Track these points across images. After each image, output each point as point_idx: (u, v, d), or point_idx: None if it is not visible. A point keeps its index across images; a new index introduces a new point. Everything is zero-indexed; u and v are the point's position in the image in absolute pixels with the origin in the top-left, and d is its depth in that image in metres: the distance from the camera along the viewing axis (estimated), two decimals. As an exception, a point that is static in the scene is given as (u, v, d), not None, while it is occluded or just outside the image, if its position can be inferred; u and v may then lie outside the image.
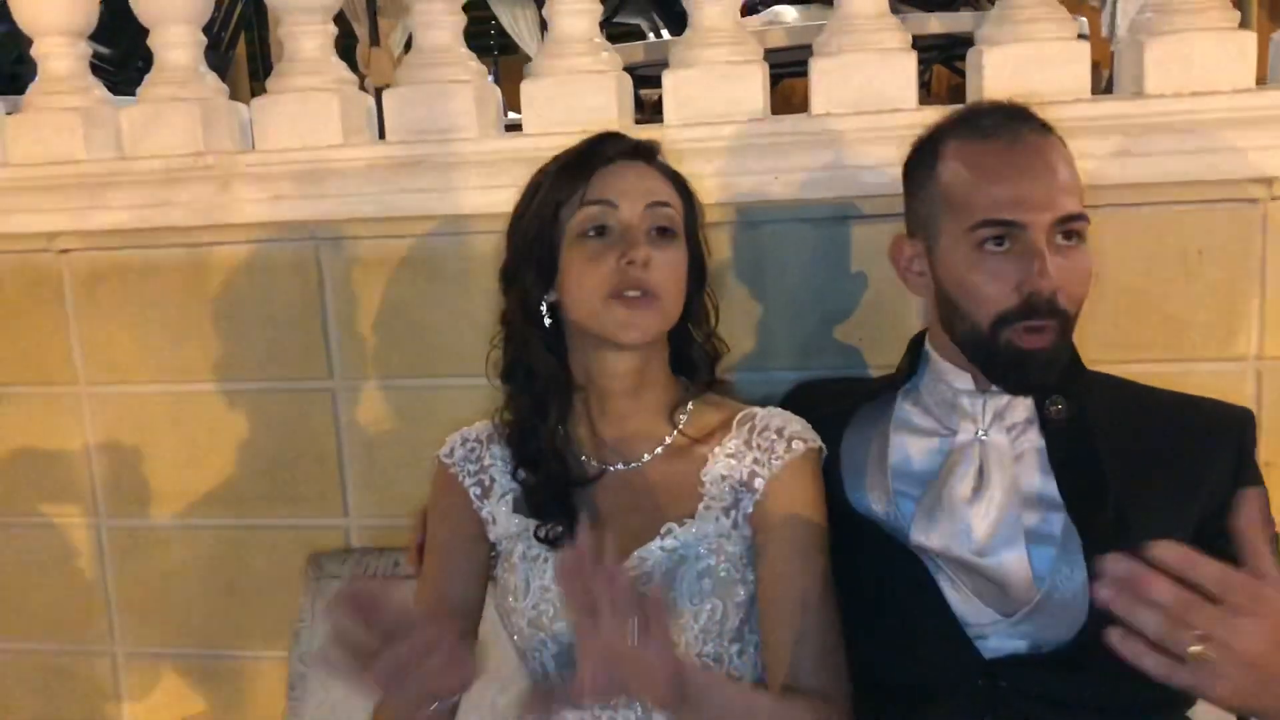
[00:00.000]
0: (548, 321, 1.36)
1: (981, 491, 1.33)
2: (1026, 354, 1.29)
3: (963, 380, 1.38)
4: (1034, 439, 1.36)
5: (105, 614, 2.08)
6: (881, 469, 1.40)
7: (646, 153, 1.37)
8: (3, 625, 2.13)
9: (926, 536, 1.33)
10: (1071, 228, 1.29)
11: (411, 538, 1.52)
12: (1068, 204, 1.29)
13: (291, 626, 1.85)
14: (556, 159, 1.38)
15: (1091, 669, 1.27)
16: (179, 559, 2.03)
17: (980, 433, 1.36)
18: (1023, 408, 1.37)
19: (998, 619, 1.31)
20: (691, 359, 1.42)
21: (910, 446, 1.41)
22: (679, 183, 1.38)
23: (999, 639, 1.31)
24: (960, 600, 1.32)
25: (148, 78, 1.93)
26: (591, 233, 1.31)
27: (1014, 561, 1.30)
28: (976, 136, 1.33)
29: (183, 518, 2.01)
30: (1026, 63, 1.66)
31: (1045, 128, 1.34)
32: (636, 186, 1.32)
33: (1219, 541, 1.28)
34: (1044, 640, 1.30)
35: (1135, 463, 1.32)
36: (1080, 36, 1.73)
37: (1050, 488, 1.34)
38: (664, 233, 1.32)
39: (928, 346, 1.44)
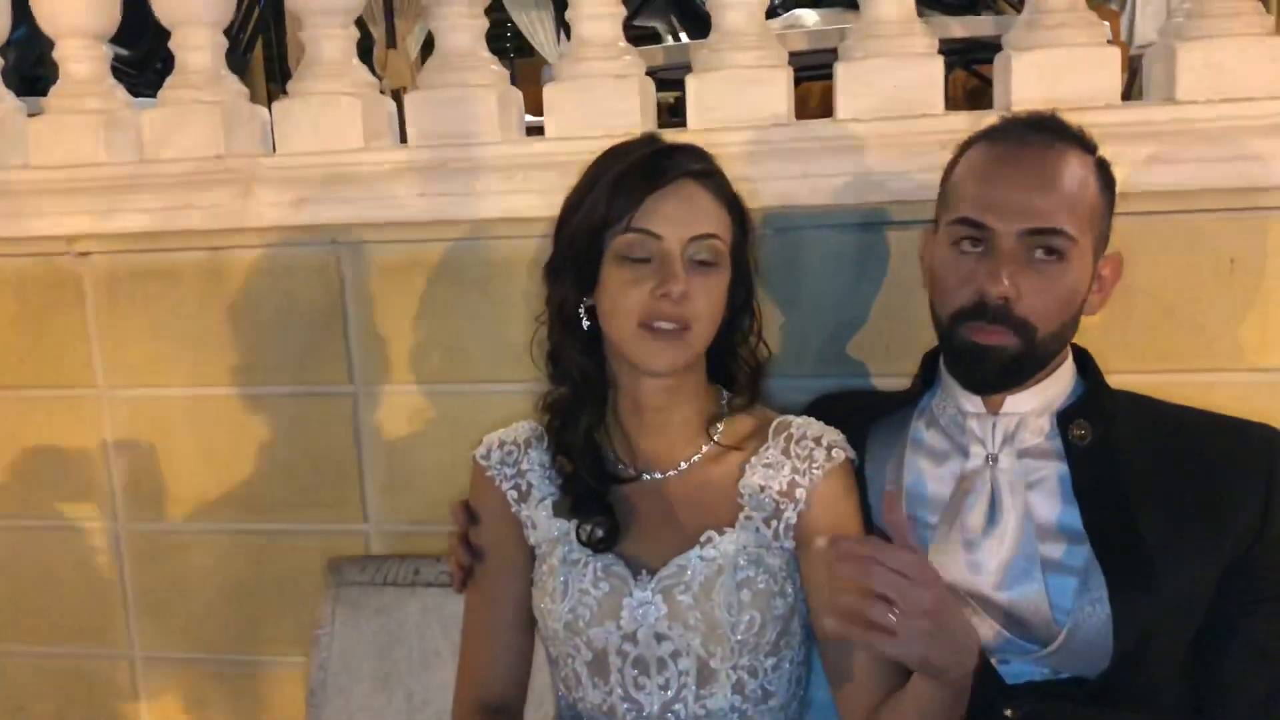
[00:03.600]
0: (586, 324, 1.35)
1: (994, 523, 1.31)
2: (980, 349, 1.28)
3: (972, 402, 1.36)
4: (1056, 466, 1.33)
5: (123, 618, 2.08)
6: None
7: (706, 175, 1.32)
8: (22, 628, 2.12)
9: (942, 571, 1.31)
10: (1046, 243, 1.25)
11: (454, 538, 1.47)
12: (1045, 218, 1.25)
13: (311, 633, 1.84)
14: (612, 157, 1.33)
15: (1116, 701, 1.25)
16: (198, 563, 2.03)
17: (990, 458, 1.34)
18: (1036, 431, 1.34)
19: (1020, 646, 1.29)
20: (730, 372, 1.41)
21: (925, 470, 1.39)
22: (732, 204, 1.34)
23: (1022, 665, 1.30)
24: (983, 626, 1.30)
25: (169, 80, 1.93)
26: (632, 258, 1.29)
27: (1031, 597, 1.28)
28: (991, 140, 1.33)
29: (201, 522, 2.01)
30: (1055, 68, 1.64)
31: (1063, 139, 1.30)
32: (685, 215, 1.29)
33: (1248, 577, 1.27)
34: (1068, 669, 1.28)
35: (1163, 494, 1.29)
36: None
37: (1072, 518, 1.30)
38: (704, 264, 1.29)
39: (941, 364, 1.42)
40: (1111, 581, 1.25)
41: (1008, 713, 1.26)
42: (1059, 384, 1.35)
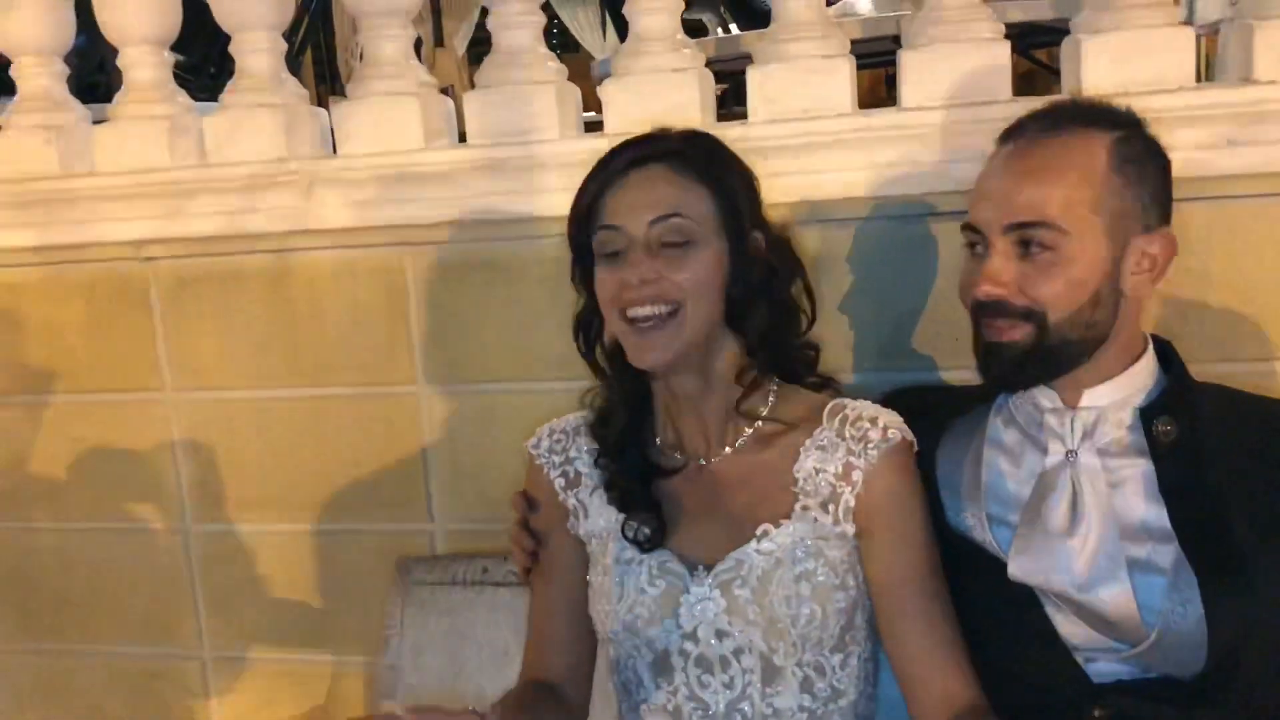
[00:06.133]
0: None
1: (1077, 522, 1.27)
2: (993, 346, 1.28)
3: (1048, 397, 1.32)
4: (1140, 463, 1.29)
5: (194, 617, 2.10)
6: (975, 490, 1.36)
7: (667, 155, 1.30)
8: (94, 629, 2.16)
9: (1024, 571, 1.28)
10: (1029, 235, 1.24)
11: (515, 527, 1.46)
12: (1024, 211, 1.23)
13: (381, 633, 1.85)
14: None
15: (1211, 702, 1.21)
16: (265, 563, 2.05)
17: (1069, 454, 1.30)
18: (1117, 425, 1.30)
19: (1108, 644, 1.26)
20: (768, 353, 1.36)
21: (1003, 466, 1.36)
22: (711, 178, 1.30)
23: (1109, 664, 1.26)
24: (1066, 623, 1.27)
25: (230, 84, 1.94)
26: (606, 254, 1.30)
27: (1117, 597, 1.24)
28: (1002, 140, 1.33)
29: (269, 522, 2.03)
30: (1127, 51, 1.60)
31: (1072, 124, 1.27)
32: (641, 200, 1.28)
33: None
34: (1158, 669, 1.24)
35: (1254, 490, 1.24)
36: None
37: (1158, 517, 1.26)
38: (673, 245, 1.27)
39: None
40: (1203, 582, 1.21)
41: (1096, 713, 1.23)
42: (1138, 377, 1.31)
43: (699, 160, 1.31)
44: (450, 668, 1.77)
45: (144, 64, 1.96)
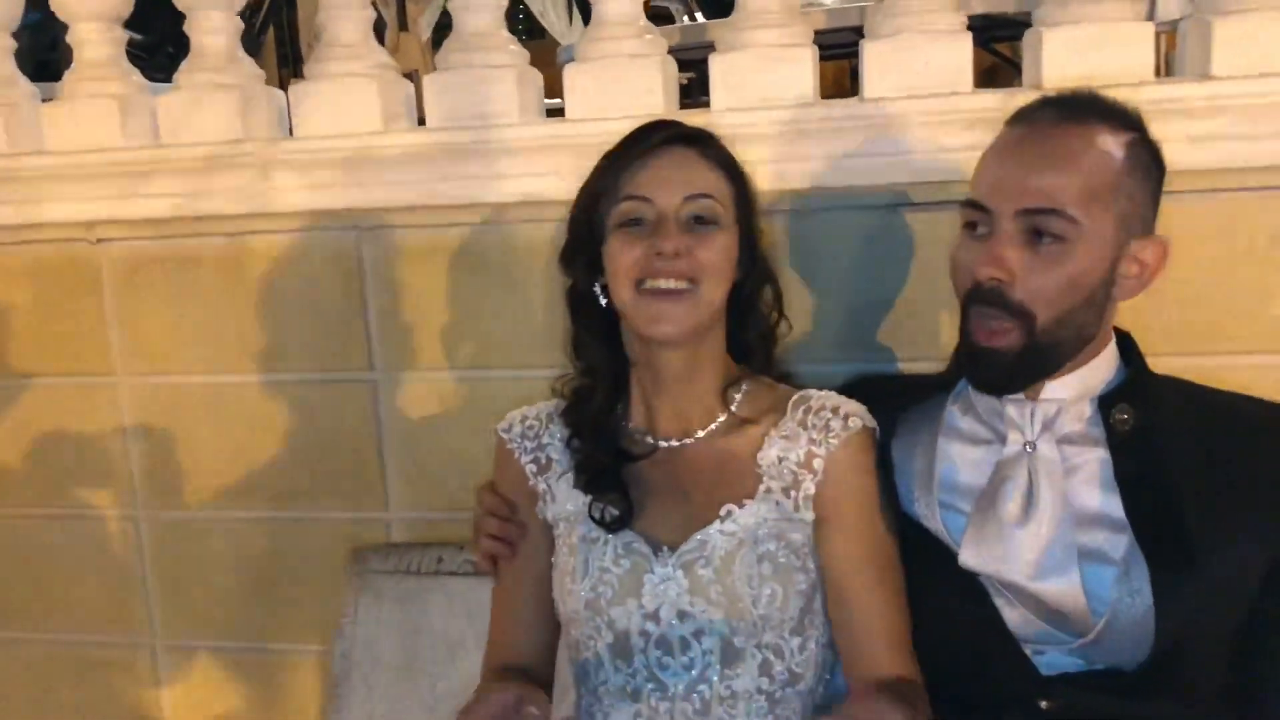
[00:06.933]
0: (604, 301, 1.36)
1: (1031, 512, 1.27)
2: (981, 351, 1.26)
3: None
4: (1096, 452, 1.28)
5: (144, 605, 2.07)
6: (928, 478, 1.35)
7: (695, 140, 1.34)
8: (43, 616, 2.12)
9: (976, 560, 1.28)
10: (1042, 224, 1.21)
11: (484, 520, 1.44)
12: (1041, 197, 1.21)
13: (334, 622, 1.83)
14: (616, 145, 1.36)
15: (1155, 693, 1.21)
16: (218, 551, 2.02)
17: (1028, 445, 1.30)
18: (1077, 417, 1.30)
19: (1056, 636, 1.26)
20: (747, 343, 1.41)
21: (958, 456, 1.36)
22: (731, 169, 1.35)
23: (1057, 655, 1.27)
24: (1016, 616, 1.27)
25: (185, 64, 1.91)
26: (627, 224, 1.31)
27: (1067, 588, 1.24)
28: (1014, 123, 1.30)
29: (221, 509, 2.00)
30: (1088, 44, 1.60)
31: (1090, 116, 1.25)
32: (675, 177, 1.30)
33: None
34: (1104, 660, 1.25)
35: (1207, 481, 1.24)
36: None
37: (1112, 506, 1.26)
38: (702, 221, 1.30)
39: None
40: (1154, 570, 1.21)
41: (1043, 704, 1.24)
42: (1100, 370, 1.31)
43: (722, 152, 1.35)
44: (404, 657, 1.76)
45: (95, 41, 1.92)
